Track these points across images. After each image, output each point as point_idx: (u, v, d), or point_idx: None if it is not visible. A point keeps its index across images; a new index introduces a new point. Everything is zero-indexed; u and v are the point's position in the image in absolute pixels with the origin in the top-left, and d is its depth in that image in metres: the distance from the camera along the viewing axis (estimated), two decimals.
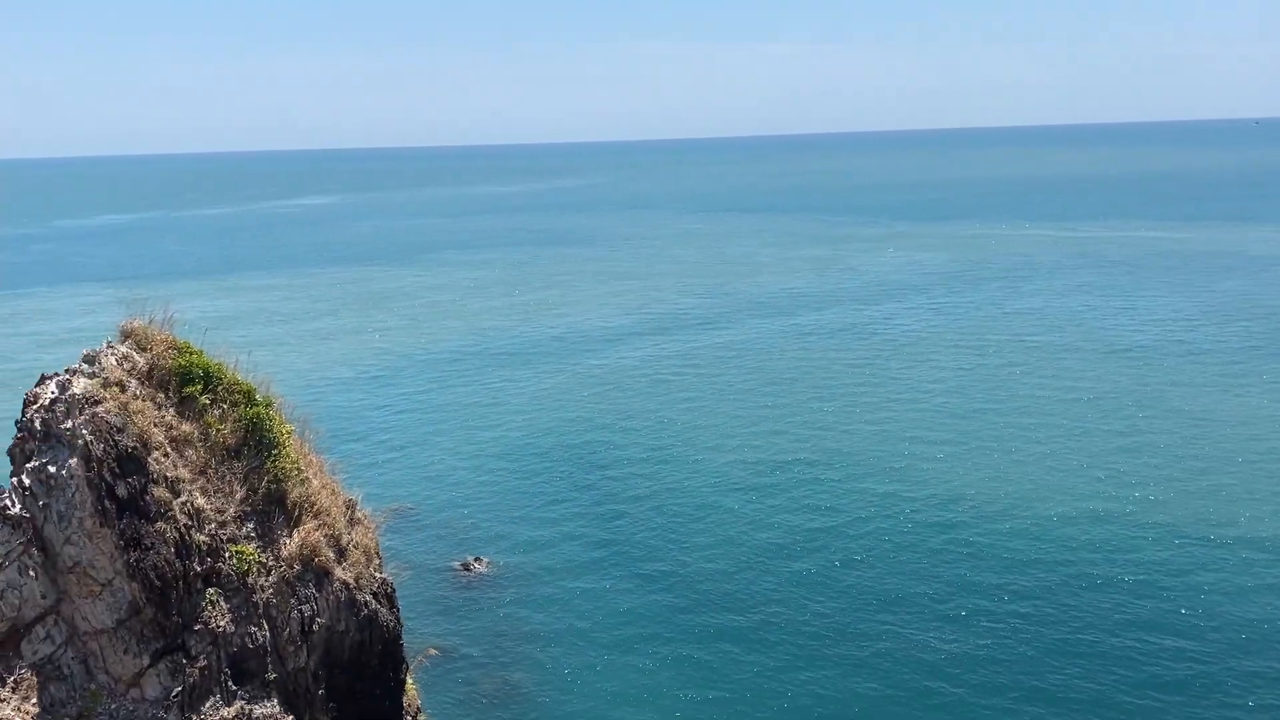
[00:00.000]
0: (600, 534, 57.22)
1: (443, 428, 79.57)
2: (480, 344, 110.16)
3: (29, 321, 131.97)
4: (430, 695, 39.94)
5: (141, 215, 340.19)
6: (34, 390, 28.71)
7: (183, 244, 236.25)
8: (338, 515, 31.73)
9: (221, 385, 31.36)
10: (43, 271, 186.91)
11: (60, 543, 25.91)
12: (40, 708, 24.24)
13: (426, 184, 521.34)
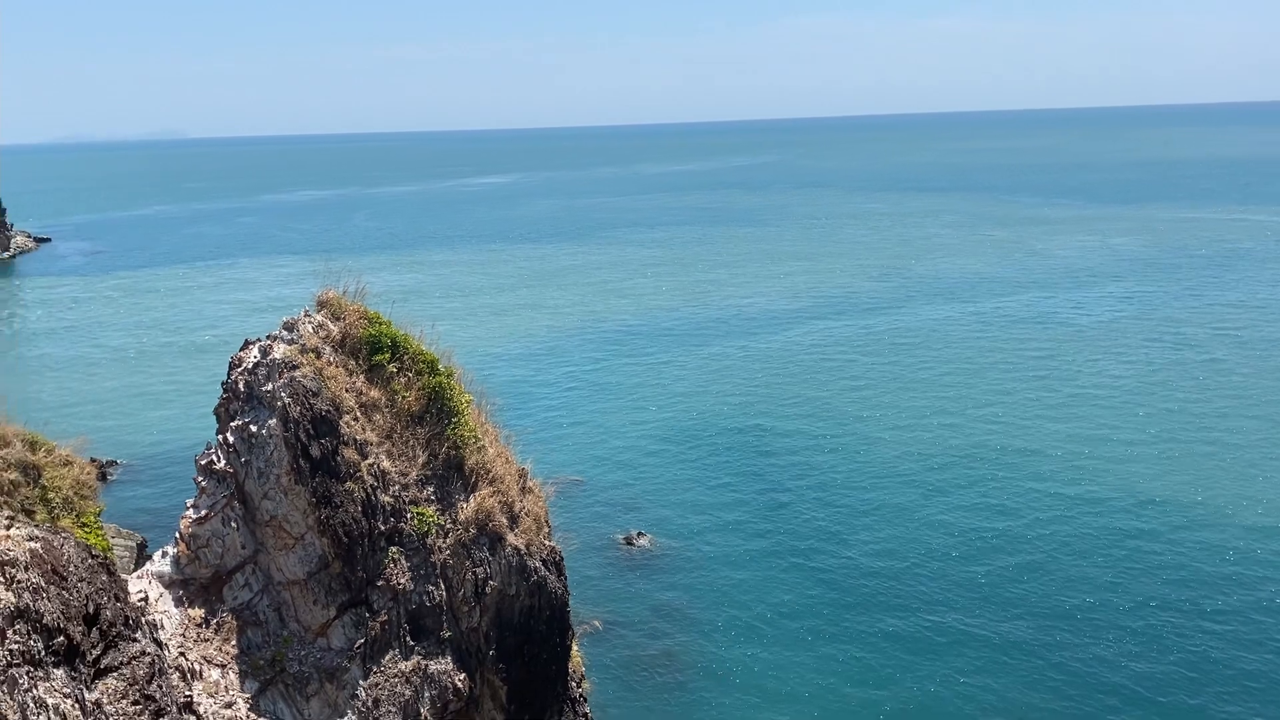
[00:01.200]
0: (762, 521, 56.89)
1: (610, 404, 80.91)
2: (648, 323, 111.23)
3: (234, 290, 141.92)
4: (593, 663, 40.91)
5: (335, 192, 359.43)
6: (238, 354, 30.83)
7: (372, 220, 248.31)
8: (511, 483, 32.73)
9: (407, 355, 32.84)
10: (246, 243, 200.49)
11: (259, 497, 27.76)
12: (238, 649, 26.10)
13: (601, 163, 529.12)
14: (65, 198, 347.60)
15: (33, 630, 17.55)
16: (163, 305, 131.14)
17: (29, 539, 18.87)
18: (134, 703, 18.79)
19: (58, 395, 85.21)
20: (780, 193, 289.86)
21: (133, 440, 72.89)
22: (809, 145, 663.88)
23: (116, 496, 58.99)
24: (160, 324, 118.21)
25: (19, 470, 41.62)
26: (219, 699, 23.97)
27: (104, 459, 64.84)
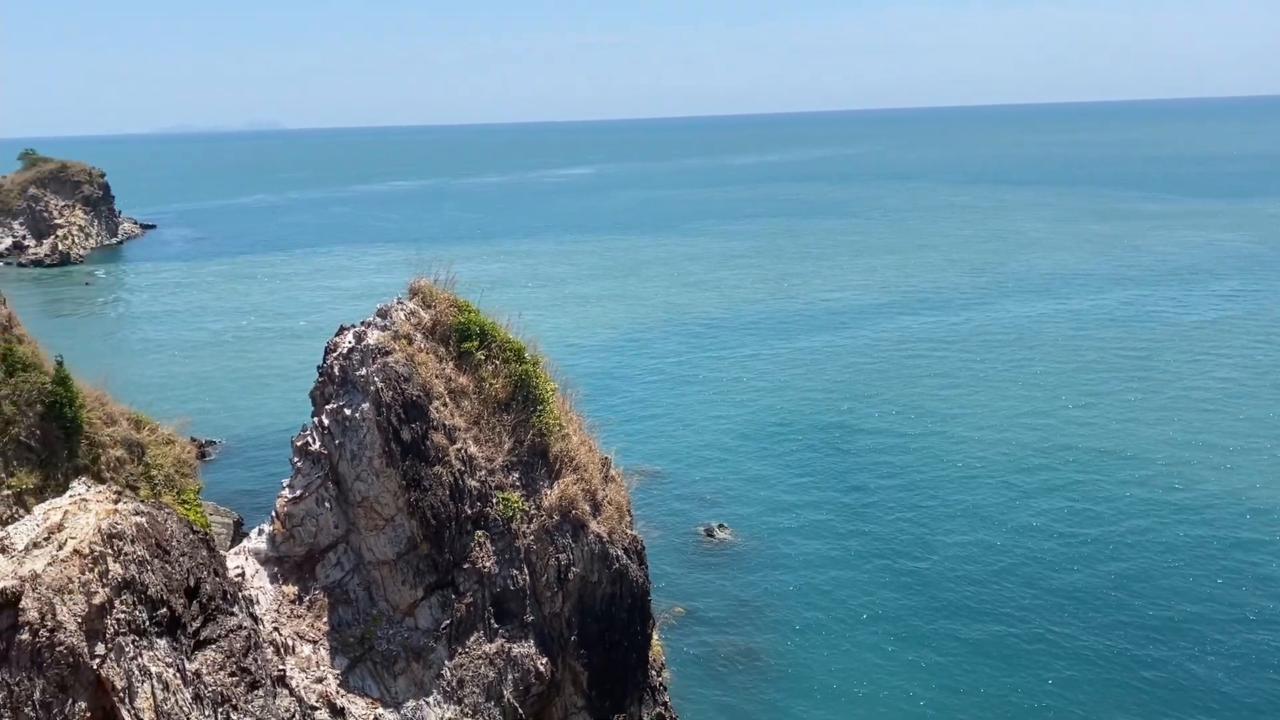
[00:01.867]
0: (845, 518, 56.20)
1: (692, 396, 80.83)
2: (732, 315, 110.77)
3: (328, 277, 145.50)
4: (673, 653, 41.04)
5: (424, 182, 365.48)
6: (334, 339, 31.67)
7: (461, 210, 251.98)
8: (594, 471, 33.00)
9: (495, 342, 33.33)
10: (340, 232, 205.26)
11: (351, 479, 28.50)
12: (329, 626, 26.88)
13: (687, 154, 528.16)
14: (170, 186, 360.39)
15: (138, 601, 18.34)
16: (260, 291, 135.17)
17: (135, 513, 19.70)
18: (231, 674, 19.49)
19: (161, 377, 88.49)
20: (869, 185, 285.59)
21: (231, 421, 75.31)
22: (899, 137, 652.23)
23: (215, 476, 60.95)
24: (258, 309, 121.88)
25: (125, 448, 43.52)
26: (310, 674, 24.70)
27: (203, 439, 67.11)
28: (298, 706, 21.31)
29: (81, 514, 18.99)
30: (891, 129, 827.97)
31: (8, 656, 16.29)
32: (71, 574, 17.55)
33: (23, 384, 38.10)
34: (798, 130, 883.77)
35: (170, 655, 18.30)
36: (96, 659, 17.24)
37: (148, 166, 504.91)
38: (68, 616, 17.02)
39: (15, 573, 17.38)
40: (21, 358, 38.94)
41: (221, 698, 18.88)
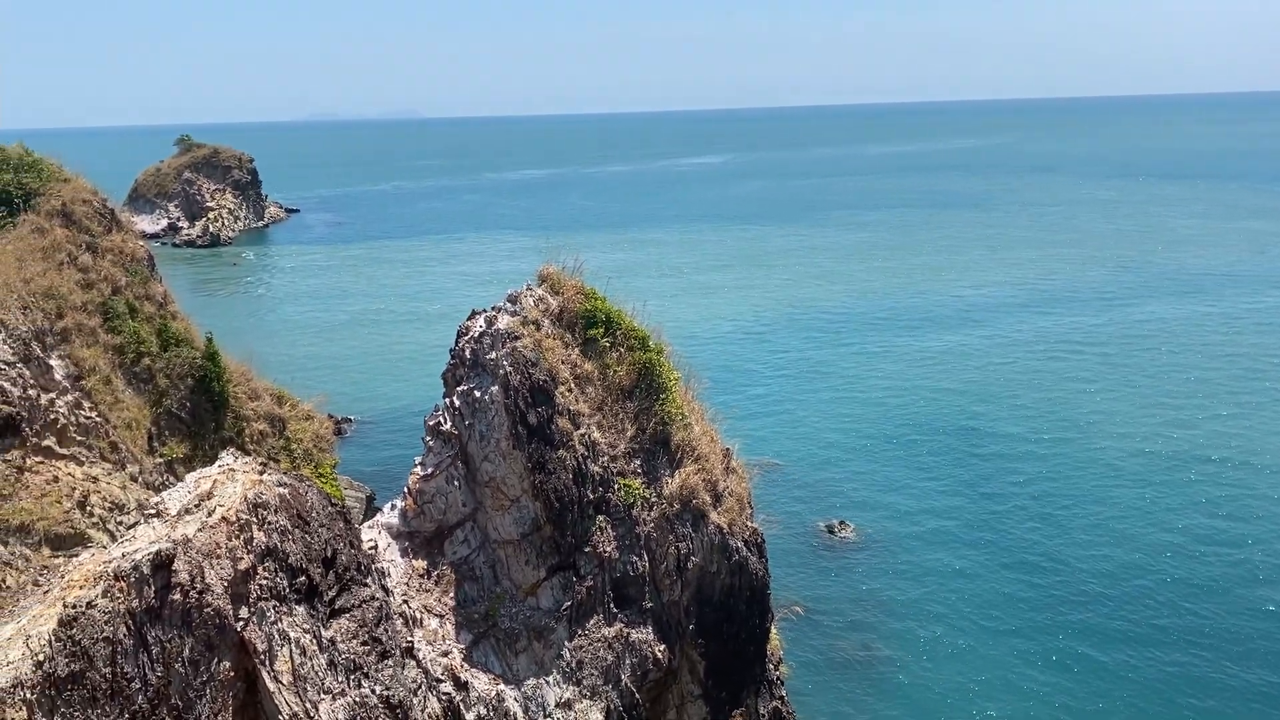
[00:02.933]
0: (972, 522, 54.69)
1: (816, 388, 79.87)
2: (860, 307, 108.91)
3: (460, 262, 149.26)
4: (792, 648, 40.76)
5: (552, 171, 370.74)
6: (465, 324, 32.46)
7: (587, 198, 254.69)
8: (716, 462, 32.97)
9: (620, 330, 33.61)
10: (472, 218, 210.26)
11: (480, 459, 29.19)
12: (455, 602, 27.63)
13: (818, 144, 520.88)
14: (313, 172, 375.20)
15: (280, 568, 19.22)
16: (396, 275, 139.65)
17: (279, 485, 20.63)
18: (363, 643, 20.26)
19: (302, 355, 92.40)
20: (1008, 176, 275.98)
21: (365, 400, 78.13)
22: (1041, 127, 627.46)
23: (349, 452, 63.34)
24: (393, 292, 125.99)
25: (267, 422, 45.66)
26: (436, 647, 25.45)
27: (339, 416, 69.80)
28: (424, 678, 22.03)
29: (230, 483, 20.01)
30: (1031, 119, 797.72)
31: (161, 615, 17.31)
32: (219, 540, 18.53)
33: (176, 358, 40.39)
34: (933, 120, 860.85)
35: (308, 622, 19.14)
36: (240, 621, 18.17)
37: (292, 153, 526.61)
38: (215, 580, 17.99)
39: (169, 536, 18.44)
40: (175, 333, 41.27)
41: (354, 665, 19.65)
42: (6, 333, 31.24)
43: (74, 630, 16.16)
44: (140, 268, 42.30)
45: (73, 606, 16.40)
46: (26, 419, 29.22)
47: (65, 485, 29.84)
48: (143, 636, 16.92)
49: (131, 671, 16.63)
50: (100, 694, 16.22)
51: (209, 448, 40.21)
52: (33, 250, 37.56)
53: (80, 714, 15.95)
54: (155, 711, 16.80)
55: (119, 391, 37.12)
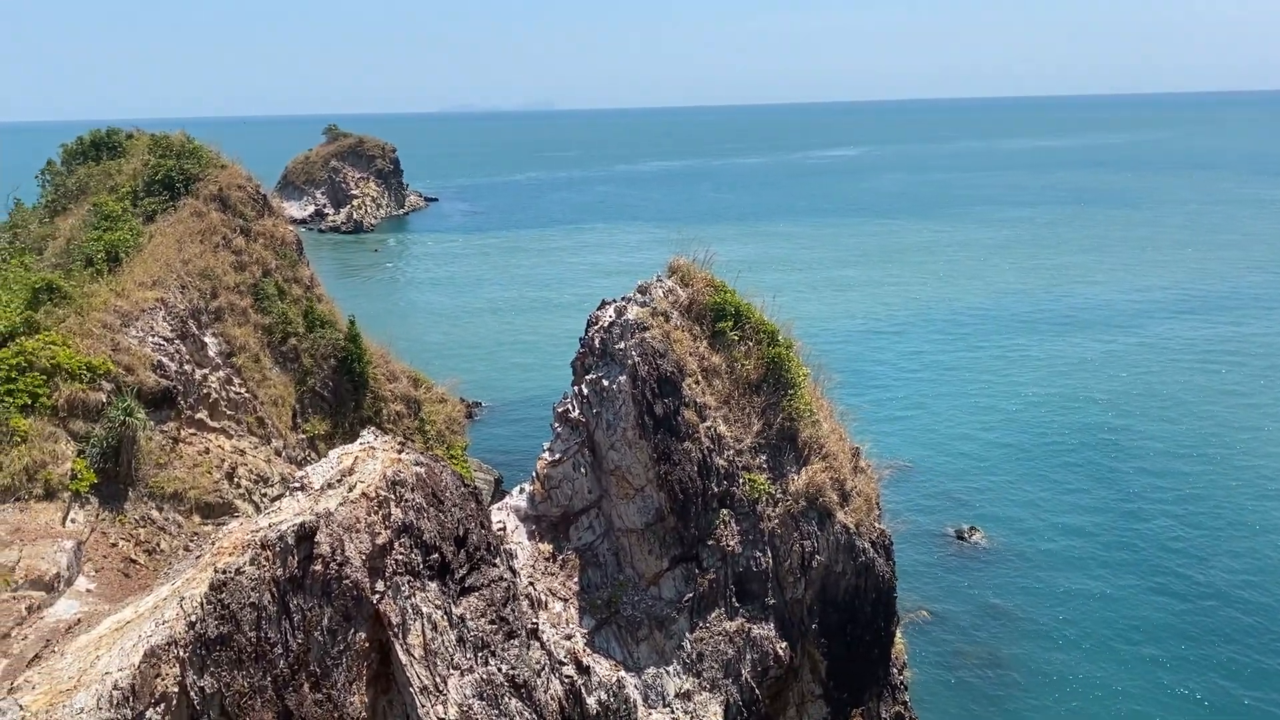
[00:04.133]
0: (1112, 535, 52.28)
1: (950, 389, 77.71)
2: (999, 307, 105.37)
3: (590, 253, 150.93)
4: (916, 653, 39.84)
5: (683, 163, 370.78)
6: (595, 313, 32.81)
7: (718, 190, 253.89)
8: (844, 461, 32.46)
9: (749, 324, 33.42)
10: (603, 210, 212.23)
11: (606, 447, 29.49)
12: (579, 587, 28.03)
13: (959, 136, 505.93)
14: (451, 162, 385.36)
15: (414, 545, 19.83)
16: (528, 264, 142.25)
17: (416, 464, 21.27)
18: (491, 621, 20.74)
19: (437, 340, 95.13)
20: (1163, 173, 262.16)
21: (496, 385, 79.91)
22: (1210, 123, 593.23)
23: (479, 434, 64.88)
24: (526, 281, 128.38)
25: (403, 403, 47.19)
26: (560, 630, 25.87)
27: (471, 400, 71.56)
28: (547, 659, 22.43)
29: (370, 461, 20.75)
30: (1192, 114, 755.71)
31: (303, 584, 18.10)
32: (359, 514, 19.24)
33: (320, 339, 42.13)
34: (1080, 114, 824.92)
35: (439, 598, 19.71)
36: (376, 594, 18.84)
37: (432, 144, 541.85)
38: (354, 553, 18.69)
39: (312, 509, 19.25)
40: (320, 315, 43.03)
41: (482, 643, 20.15)
42: (166, 310, 33.11)
43: (223, 594, 17.05)
44: (289, 251, 44.24)
45: (223, 572, 17.30)
46: (182, 392, 30.94)
47: (215, 457, 31.49)
48: (285, 604, 17.72)
49: (274, 637, 17.44)
50: (245, 656, 17.06)
51: (348, 426, 41.84)
52: (191, 233, 39.70)
53: (227, 674, 16.81)
54: (295, 676, 17.58)
55: (267, 369, 38.93)
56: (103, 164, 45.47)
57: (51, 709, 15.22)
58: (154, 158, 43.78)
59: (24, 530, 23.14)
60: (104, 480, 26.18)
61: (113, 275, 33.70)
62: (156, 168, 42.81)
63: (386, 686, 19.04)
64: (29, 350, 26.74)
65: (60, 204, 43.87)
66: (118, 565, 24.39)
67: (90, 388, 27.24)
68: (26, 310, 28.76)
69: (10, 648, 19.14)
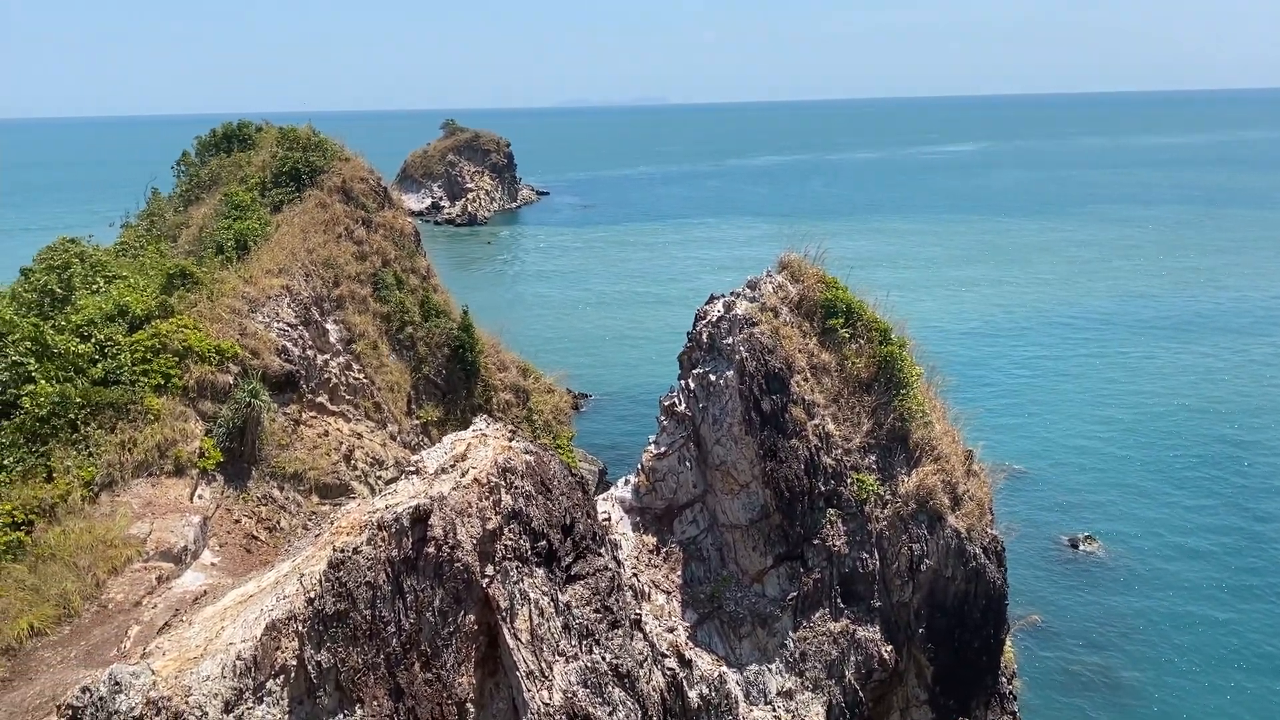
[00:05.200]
0: (1237, 550, 49.66)
1: (1068, 394, 75.08)
2: (1123, 310, 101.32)
3: (699, 247, 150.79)
4: (1026, 663, 38.70)
5: (794, 157, 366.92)
6: (704, 307, 32.76)
7: (829, 185, 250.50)
8: (956, 463, 31.70)
9: (861, 321, 32.89)
10: (712, 204, 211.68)
11: (711, 442, 29.44)
12: (682, 580, 28.08)
13: (1083, 132, 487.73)
14: (563, 156, 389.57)
15: (523, 531, 20.16)
16: (637, 258, 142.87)
17: (526, 452, 21.62)
18: (595, 610, 20.94)
19: (546, 331, 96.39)
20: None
21: (602, 377, 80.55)
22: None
23: (584, 425, 65.45)
24: (634, 274, 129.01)
25: (512, 392, 47.99)
26: (663, 622, 25.96)
27: (577, 391, 72.32)
28: (650, 651, 22.55)
29: (482, 447, 21.18)
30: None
31: (416, 565, 18.59)
32: (471, 499, 19.65)
33: (435, 328, 43.19)
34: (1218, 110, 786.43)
35: (546, 585, 20.00)
36: (486, 579, 19.22)
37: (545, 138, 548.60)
38: (466, 537, 19.11)
39: (426, 493, 19.75)
40: (436, 305, 44.11)
41: (586, 631, 20.37)
42: (291, 297, 34.38)
43: (341, 573, 17.63)
44: (408, 243, 45.46)
45: (341, 551, 17.89)
46: (304, 377, 32.08)
47: (334, 439, 32.58)
48: (399, 584, 18.23)
49: (388, 615, 17.96)
50: (360, 633, 17.62)
51: (460, 413, 42.81)
52: (315, 223, 41.13)
53: (343, 650, 17.39)
54: (406, 655, 18.07)
55: (384, 356, 40.11)
56: (234, 156, 47.49)
57: (180, 675, 15.99)
58: (281, 150, 45.52)
59: (155, 504, 24.36)
60: (229, 459, 27.38)
61: (241, 263, 35.18)
62: (284, 160, 44.49)
63: (494, 669, 19.41)
64: (163, 333, 28.10)
65: (194, 194, 46.00)
66: (240, 541, 25.49)
67: (219, 370, 28.49)
68: (161, 295, 30.23)
69: (141, 615, 20.18)
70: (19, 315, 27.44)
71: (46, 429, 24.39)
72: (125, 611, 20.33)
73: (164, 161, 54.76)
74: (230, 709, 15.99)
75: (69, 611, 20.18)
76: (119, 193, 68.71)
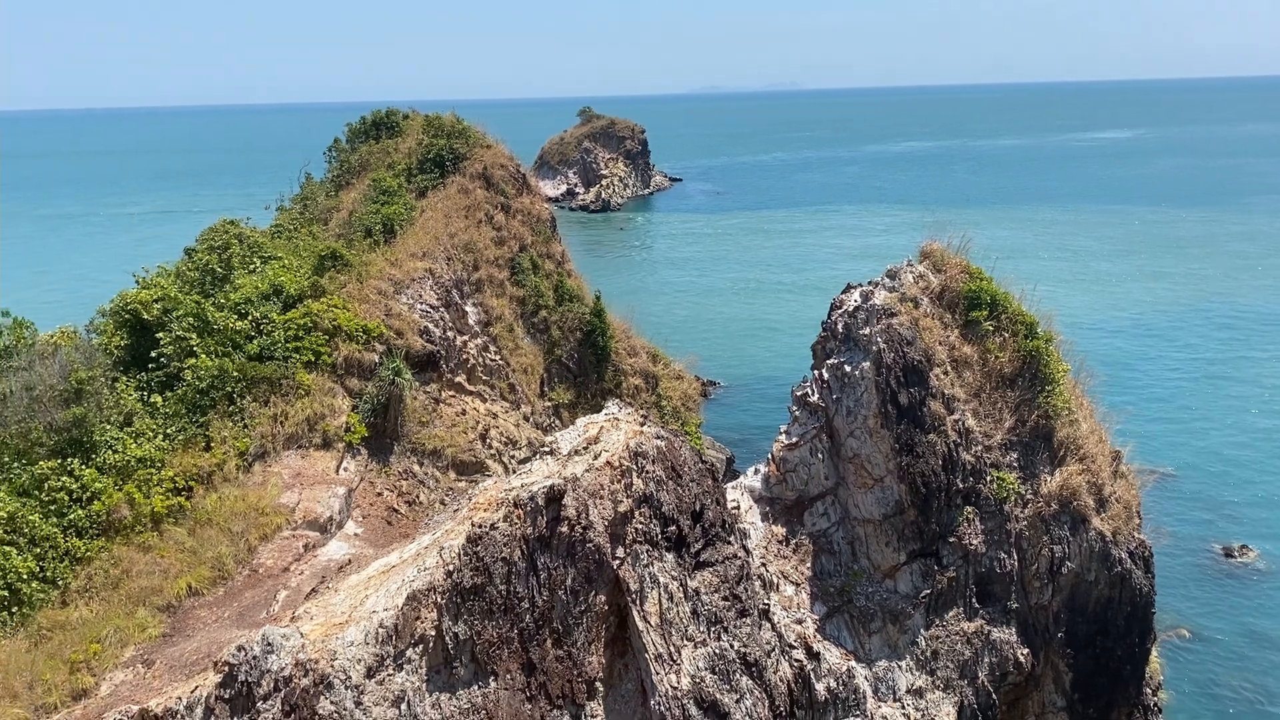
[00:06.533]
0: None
1: (1226, 395, 70.92)
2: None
3: (834, 235, 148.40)
4: (1173, 675, 36.88)
5: (937, 144, 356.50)
6: (840, 297, 32.20)
7: (973, 173, 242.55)
8: (1103, 464, 30.39)
9: (1005, 314, 31.78)
10: (849, 191, 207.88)
11: (845, 434, 28.96)
12: (812, 573, 27.78)
13: (1249, 118, 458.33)
14: (695, 143, 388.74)
15: (653, 515, 20.28)
16: (770, 245, 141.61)
17: (657, 437, 21.72)
18: (724, 598, 20.92)
19: (676, 317, 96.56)
20: None
21: (731, 365, 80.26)
22: None
23: (712, 413, 65.39)
24: (767, 262, 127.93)
25: (642, 378, 48.29)
26: (791, 614, 25.75)
27: (706, 379, 72.23)
28: (777, 641, 22.41)
29: (614, 431, 21.39)
30: None
31: (550, 544, 18.94)
32: (603, 482, 19.88)
33: (569, 312, 43.82)
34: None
35: (676, 570, 20.09)
36: (617, 560, 19.43)
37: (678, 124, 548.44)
38: (598, 518, 19.35)
39: (560, 473, 20.07)
40: (569, 290, 44.73)
41: (715, 618, 20.38)
42: (433, 280, 35.39)
43: (478, 547, 18.10)
44: (544, 228, 46.22)
45: (479, 526, 18.36)
46: (444, 357, 33.01)
47: (471, 418, 33.44)
48: (533, 561, 18.60)
49: (522, 591, 18.35)
50: (495, 608, 18.06)
51: (590, 397, 43.35)
52: (457, 208, 42.21)
53: (479, 623, 17.86)
54: (539, 631, 18.44)
55: (519, 339, 40.93)
56: (382, 142, 49.13)
57: (326, 639, 16.71)
58: (427, 137, 46.86)
59: (303, 475, 25.49)
60: (373, 434, 28.41)
61: (388, 246, 36.41)
62: (429, 147, 45.80)
63: (623, 650, 19.62)
64: (314, 312, 29.32)
65: (344, 179, 47.80)
66: (381, 513, 26.45)
67: (365, 349, 29.57)
68: (313, 276, 31.54)
69: (289, 580, 21.17)
70: (183, 293, 29.08)
71: (206, 401, 25.78)
72: (274, 576, 21.37)
73: (314, 148, 57.07)
74: (372, 674, 16.63)
75: (223, 574, 21.33)
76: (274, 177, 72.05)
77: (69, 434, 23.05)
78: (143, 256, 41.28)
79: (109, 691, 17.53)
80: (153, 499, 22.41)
